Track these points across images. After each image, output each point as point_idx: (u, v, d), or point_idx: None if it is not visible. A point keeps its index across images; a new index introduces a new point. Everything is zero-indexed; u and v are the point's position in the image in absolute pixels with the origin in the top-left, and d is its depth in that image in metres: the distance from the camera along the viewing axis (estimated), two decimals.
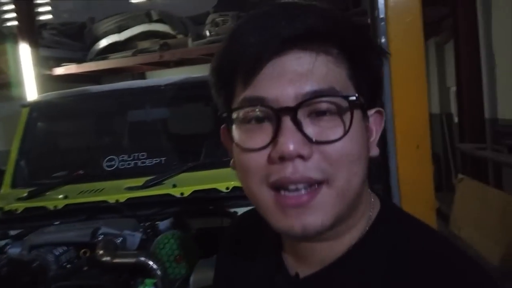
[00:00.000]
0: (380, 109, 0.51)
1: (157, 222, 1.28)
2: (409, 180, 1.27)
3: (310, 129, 0.44)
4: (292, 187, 0.44)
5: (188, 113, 1.99)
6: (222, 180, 1.35)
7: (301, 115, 0.43)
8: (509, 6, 2.63)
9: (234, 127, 0.47)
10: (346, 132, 0.44)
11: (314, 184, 0.44)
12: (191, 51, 3.85)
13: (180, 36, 3.98)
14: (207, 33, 3.75)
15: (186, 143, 1.80)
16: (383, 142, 1.16)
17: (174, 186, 1.36)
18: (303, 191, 0.44)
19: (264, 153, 0.44)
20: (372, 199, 0.52)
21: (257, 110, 0.44)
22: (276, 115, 0.43)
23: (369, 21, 1.24)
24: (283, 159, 0.43)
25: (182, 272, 1.13)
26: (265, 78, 0.44)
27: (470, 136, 3.13)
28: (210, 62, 0.49)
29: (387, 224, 0.50)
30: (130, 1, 4.75)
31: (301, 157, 0.43)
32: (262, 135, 0.44)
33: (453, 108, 4.14)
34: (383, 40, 1.17)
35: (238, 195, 1.34)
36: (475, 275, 0.44)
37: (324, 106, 0.44)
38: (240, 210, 1.34)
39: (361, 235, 0.49)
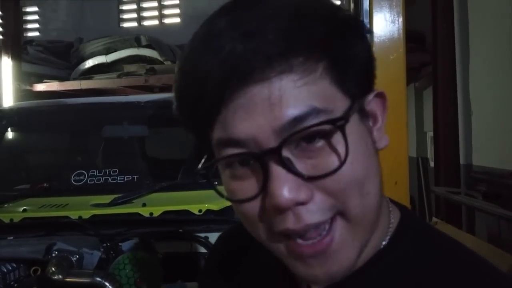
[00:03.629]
0: (380, 91, 0.42)
1: (120, 243, 1.20)
2: None
3: (302, 164, 0.36)
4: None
5: (166, 133, 1.95)
6: (196, 202, 1.29)
7: (287, 151, 0.36)
8: (485, 55, 2.77)
9: (220, 168, 0.40)
10: (343, 161, 0.36)
11: (325, 224, 0.37)
12: None
13: (167, 63, 4.00)
14: None
15: (161, 163, 1.74)
16: None
17: (144, 205, 1.29)
18: (317, 238, 0.37)
19: (258, 201, 0.38)
20: (390, 208, 0.45)
21: (234, 156, 0.37)
22: (258, 159, 0.36)
23: None
24: (280, 211, 0.36)
25: None
26: (230, 112, 0.36)
27: (445, 180, 3.17)
28: None
29: (410, 235, 0.43)
30: (121, 25, 4.79)
31: (301, 203, 0.36)
32: (250, 182, 0.38)
33: (429, 153, 4.24)
34: None
35: (211, 219, 1.28)
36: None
37: (310, 131, 0.36)
38: (212, 235, 1.27)
39: (381, 245, 0.43)
